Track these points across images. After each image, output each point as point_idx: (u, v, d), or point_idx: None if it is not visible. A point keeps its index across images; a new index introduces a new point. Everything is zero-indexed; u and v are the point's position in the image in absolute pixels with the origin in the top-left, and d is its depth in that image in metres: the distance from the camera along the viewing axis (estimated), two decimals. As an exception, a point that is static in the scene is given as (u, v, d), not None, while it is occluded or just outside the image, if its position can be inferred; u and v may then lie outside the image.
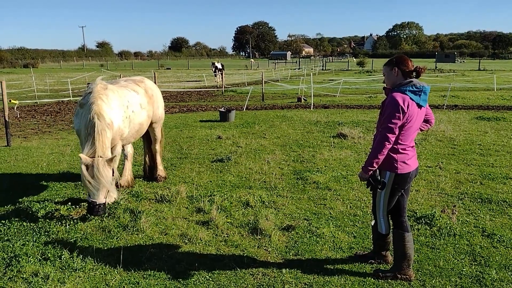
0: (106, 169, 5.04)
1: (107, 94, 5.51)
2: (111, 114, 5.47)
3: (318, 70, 51.36)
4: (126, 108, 5.86)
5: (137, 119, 6.18)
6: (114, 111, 5.56)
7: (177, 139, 10.89)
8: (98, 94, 5.39)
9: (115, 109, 5.61)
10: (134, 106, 6.10)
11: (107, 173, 5.06)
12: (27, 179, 7.39)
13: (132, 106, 6.04)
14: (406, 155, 3.85)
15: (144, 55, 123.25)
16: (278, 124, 13.10)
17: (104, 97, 5.43)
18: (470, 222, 5.43)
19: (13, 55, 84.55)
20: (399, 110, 3.66)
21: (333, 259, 4.54)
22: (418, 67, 3.83)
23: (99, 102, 5.29)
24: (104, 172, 5.01)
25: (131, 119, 6.00)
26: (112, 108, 5.51)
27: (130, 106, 6.00)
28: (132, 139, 6.40)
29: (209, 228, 5.29)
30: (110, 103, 5.50)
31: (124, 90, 6.08)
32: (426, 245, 4.82)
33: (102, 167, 5.00)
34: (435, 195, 6.48)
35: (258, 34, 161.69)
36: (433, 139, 10.50)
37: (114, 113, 5.55)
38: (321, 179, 7.19)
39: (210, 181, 7.21)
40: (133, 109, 6.06)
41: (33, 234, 4.94)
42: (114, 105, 5.61)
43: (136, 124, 6.21)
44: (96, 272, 4.20)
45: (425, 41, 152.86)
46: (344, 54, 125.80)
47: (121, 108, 5.73)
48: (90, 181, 5.00)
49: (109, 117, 5.40)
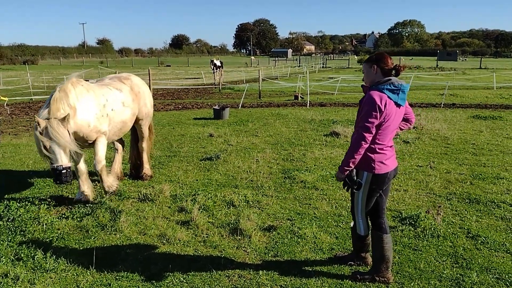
0: (61, 128, 4.88)
1: (79, 89, 5.47)
2: (78, 107, 5.37)
3: (319, 68, 51.21)
4: (102, 107, 5.75)
5: (118, 117, 6.08)
6: (83, 106, 5.45)
7: (168, 137, 10.80)
8: (69, 84, 5.36)
9: (86, 105, 5.50)
10: (114, 104, 5.99)
11: (63, 132, 4.89)
12: (11, 177, 7.31)
13: (111, 105, 5.92)
14: (383, 155, 3.75)
15: (144, 52, 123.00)
16: (272, 122, 13.00)
17: (74, 89, 5.38)
18: (456, 223, 5.32)
19: (13, 51, 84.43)
20: (376, 109, 3.55)
21: (313, 261, 4.45)
22: (397, 65, 3.73)
23: (69, 86, 5.33)
24: (59, 130, 4.84)
25: (110, 118, 5.89)
26: (80, 102, 5.42)
27: (109, 104, 5.88)
28: (115, 137, 6.31)
29: (189, 228, 5.20)
30: (79, 98, 5.42)
31: (104, 89, 5.98)
32: (408, 246, 4.73)
33: (57, 126, 4.84)
34: (423, 195, 6.38)
35: (259, 31, 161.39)
36: (427, 138, 10.39)
37: (83, 108, 5.45)
38: (309, 178, 7.09)
39: (196, 180, 7.12)
40: (113, 107, 5.95)
41: (8, 234, 4.85)
42: (86, 101, 5.52)
43: (118, 122, 6.10)
44: (68, 273, 4.11)
45: (427, 39, 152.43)
46: (345, 52, 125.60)
47: (96, 107, 5.62)
48: (46, 145, 4.85)
49: (74, 103, 5.30)
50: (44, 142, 4.84)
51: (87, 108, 5.47)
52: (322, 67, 55.31)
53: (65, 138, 4.90)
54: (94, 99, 5.62)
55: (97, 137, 5.74)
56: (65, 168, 4.96)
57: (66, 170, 4.98)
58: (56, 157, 4.94)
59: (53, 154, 4.92)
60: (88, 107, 5.49)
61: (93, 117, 5.57)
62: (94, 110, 5.58)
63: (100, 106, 5.71)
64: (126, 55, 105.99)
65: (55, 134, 4.81)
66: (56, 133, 4.82)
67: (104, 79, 6.59)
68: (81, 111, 5.38)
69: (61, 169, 4.94)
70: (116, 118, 6.04)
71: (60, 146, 4.89)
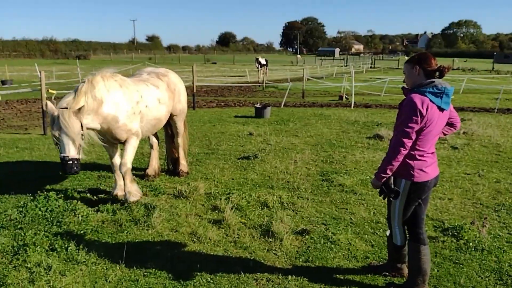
0: (72, 119, 4.82)
1: (110, 83, 5.43)
2: (105, 99, 5.30)
3: (366, 68, 50.10)
4: (135, 104, 5.70)
5: (152, 114, 6.07)
6: (111, 100, 5.39)
7: (208, 134, 10.83)
8: (100, 76, 5.37)
9: (115, 99, 5.44)
10: (149, 101, 5.99)
11: (73, 124, 4.82)
12: (54, 168, 7.54)
13: (146, 101, 5.92)
14: (424, 162, 3.52)
15: (192, 49, 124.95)
16: (313, 123, 12.78)
17: (104, 81, 5.36)
18: (503, 237, 4.97)
19: (67, 46, 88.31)
20: (416, 113, 3.33)
21: (345, 269, 4.27)
22: (442, 66, 3.48)
23: (98, 77, 5.30)
24: (70, 122, 4.79)
25: (143, 114, 5.89)
26: (109, 94, 5.37)
27: (143, 101, 5.87)
28: (149, 133, 6.34)
29: (220, 227, 5.14)
30: (110, 90, 5.39)
31: (140, 85, 5.99)
32: (449, 259, 4.45)
33: (68, 117, 4.78)
34: (468, 205, 6.02)
35: (307, 30, 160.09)
36: (477, 144, 9.85)
37: (111, 101, 5.38)
38: (347, 182, 6.87)
39: (232, 179, 7.07)
40: (148, 104, 5.95)
41: (45, 224, 4.98)
42: (115, 95, 5.46)
43: (152, 119, 6.11)
44: (98, 267, 4.15)
45: (483, 41, 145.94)
46: (395, 52, 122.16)
47: (128, 103, 5.58)
48: (55, 133, 4.84)
49: (102, 97, 5.24)
50: (54, 130, 4.86)
51: (117, 103, 5.42)
52: (370, 67, 54.10)
53: (75, 130, 4.84)
54: (126, 95, 5.59)
55: (128, 137, 5.69)
56: (71, 159, 4.93)
57: (73, 162, 4.94)
58: (64, 147, 4.90)
59: (61, 144, 4.89)
60: (118, 102, 5.45)
61: (123, 114, 5.51)
62: (125, 107, 5.53)
63: (133, 102, 5.67)
64: (174, 52, 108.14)
65: (65, 124, 4.78)
66: (66, 123, 4.78)
67: (142, 74, 6.62)
68: (109, 105, 5.33)
69: (67, 160, 4.91)
70: (150, 115, 6.04)
71: (69, 137, 4.85)
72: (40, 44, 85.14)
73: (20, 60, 63.44)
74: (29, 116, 13.89)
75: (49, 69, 35.08)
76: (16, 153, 8.72)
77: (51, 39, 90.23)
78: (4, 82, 24.34)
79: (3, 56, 71.94)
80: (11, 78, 27.61)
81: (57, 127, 4.81)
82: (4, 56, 71.99)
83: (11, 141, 9.92)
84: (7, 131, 11.28)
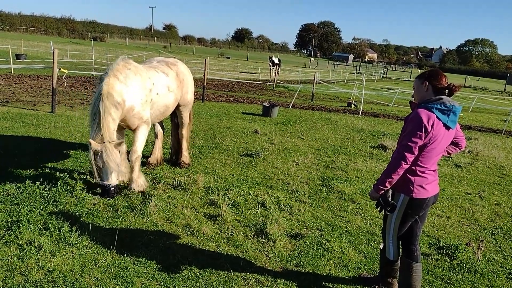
0: (114, 153, 5.07)
1: (126, 73, 5.41)
2: (126, 93, 5.33)
3: (378, 77, 49.91)
4: (148, 92, 5.72)
5: (162, 101, 6.10)
6: (131, 91, 5.42)
7: (213, 128, 10.83)
8: (115, 72, 5.30)
9: (133, 89, 5.46)
10: (159, 88, 6.00)
11: (115, 157, 5.08)
12: (58, 147, 7.56)
13: (157, 89, 5.93)
14: (425, 179, 3.49)
15: (207, 42, 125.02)
16: (319, 127, 12.74)
17: (120, 75, 5.32)
18: (497, 261, 4.93)
19: (85, 27, 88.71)
20: (421, 128, 3.31)
21: (335, 277, 4.25)
22: (451, 85, 3.45)
23: (112, 80, 5.18)
24: (113, 156, 5.04)
25: (154, 102, 5.90)
26: (128, 87, 5.37)
27: (155, 88, 5.88)
28: (156, 119, 6.35)
29: (215, 223, 5.14)
30: (127, 82, 5.37)
31: (151, 71, 6.00)
32: (441, 278, 4.41)
33: (111, 152, 5.03)
34: (466, 225, 5.97)
35: (323, 33, 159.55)
36: (481, 164, 9.78)
37: (131, 93, 5.41)
38: (347, 190, 6.85)
39: (232, 175, 7.06)
40: (158, 91, 5.96)
41: (41, 202, 4.98)
42: (133, 85, 5.47)
43: (162, 106, 6.14)
44: (89, 250, 4.16)
45: (498, 61, 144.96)
46: (409, 64, 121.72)
47: (142, 91, 5.60)
48: (99, 166, 5.08)
49: (122, 95, 5.25)
50: (97, 163, 5.09)
51: (134, 92, 5.46)
52: (382, 76, 53.88)
53: (116, 162, 5.13)
54: (140, 82, 5.60)
55: (139, 125, 5.73)
56: (114, 186, 5.28)
57: (114, 188, 5.30)
58: (107, 176, 5.21)
59: (104, 173, 5.19)
60: (135, 91, 5.48)
61: (138, 102, 5.55)
62: (140, 95, 5.56)
63: (146, 90, 5.69)
64: (189, 43, 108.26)
65: (108, 160, 5.05)
66: (110, 159, 5.05)
67: (152, 62, 6.64)
68: (129, 97, 5.39)
69: (110, 187, 5.26)
70: (160, 102, 6.06)
71: (112, 168, 5.14)
72: (58, 22, 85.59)
73: (36, 36, 63.71)
74: (39, 93, 13.94)
75: (64, 48, 35.26)
76: (21, 128, 8.75)
77: (69, 18, 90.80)
78: (18, 56, 24.45)
79: (20, 30, 72.35)
80: (26, 53, 27.74)
81: (101, 160, 5.06)
82: (21, 30, 72.41)
83: (18, 115, 9.96)
84: (16, 105, 11.32)
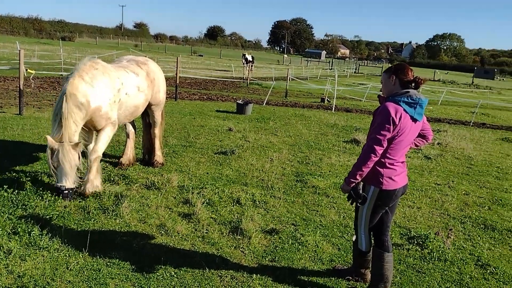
0: (71, 154, 4.94)
1: (92, 74, 5.32)
2: (91, 94, 5.24)
3: (350, 73, 50.54)
4: (117, 92, 5.64)
5: (131, 101, 6.02)
6: (98, 92, 5.33)
7: (187, 126, 10.76)
8: (81, 72, 5.21)
9: (100, 90, 5.37)
10: (129, 88, 5.93)
11: (71, 158, 4.96)
12: (26, 149, 7.38)
13: (126, 89, 5.86)
14: (393, 171, 3.57)
15: (179, 40, 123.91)
16: (293, 123, 12.83)
17: (86, 75, 5.23)
18: (466, 249, 5.07)
19: (53, 27, 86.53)
20: (389, 121, 3.38)
21: (310, 271, 4.30)
22: (417, 78, 3.53)
23: (76, 80, 5.09)
24: (68, 156, 4.91)
25: (123, 102, 5.83)
26: (94, 87, 5.28)
27: (124, 88, 5.81)
28: (126, 120, 6.27)
29: (190, 221, 5.12)
30: (94, 83, 5.28)
31: (121, 71, 5.92)
32: (412, 267, 4.52)
33: (67, 152, 4.90)
34: (436, 215, 6.12)
35: (295, 30, 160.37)
36: (450, 156, 10.03)
37: (98, 93, 5.32)
38: (321, 184, 6.92)
39: (207, 173, 7.04)
40: (128, 91, 5.89)
41: (10, 206, 4.85)
42: (100, 85, 5.38)
43: (131, 106, 6.06)
44: (61, 253, 4.08)
45: (466, 55, 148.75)
46: (380, 59, 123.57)
47: (110, 91, 5.52)
48: (55, 167, 4.95)
49: (86, 96, 5.16)
50: (53, 162, 4.96)
51: (101, 93, 5.36)
52: (354, 72, 54.57)
53: (71, 164, 5.00)
54: (109, 82, 5.52)
55: (105, 126, 5.63)
56: (67, 189, 5.12)
57: (68, 191, 5.14)
58: (61, 178, 5.07)
59: (59, 174, 5.05)
60: (102, 91, 5.39)
61: (106, 102, 5.46)
62: (107, 95, 5.47)
63: (115, 90, 5.61)
64: (161, 41, 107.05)
65: (64, 161, 4.93)
66: (65, 160, 4.93)
67: (122, 61, 6.55)
68: (95, 98, 5.28)
69: (63, 190, 5.11)
70: (130, 102, 5.98)
71: (66, 170, 5.01)
72: (25, 22, 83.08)
73: (2, 37, 61.75)
74: (6, 95, 13.56)
75: (32, 48, 34.36)
76: (-13, 132, 8.50)
77: (36, 18, 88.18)
78: (-18, 57, 23.71)
79: (-16, 31, 70.13)
80: (-10, 54, 26.92)
81: (56, 160, 4.93)
82: (-15, 31, 70.18)
83: (-17, 119, 9.66)
84: (-19, 108, 10.98)
